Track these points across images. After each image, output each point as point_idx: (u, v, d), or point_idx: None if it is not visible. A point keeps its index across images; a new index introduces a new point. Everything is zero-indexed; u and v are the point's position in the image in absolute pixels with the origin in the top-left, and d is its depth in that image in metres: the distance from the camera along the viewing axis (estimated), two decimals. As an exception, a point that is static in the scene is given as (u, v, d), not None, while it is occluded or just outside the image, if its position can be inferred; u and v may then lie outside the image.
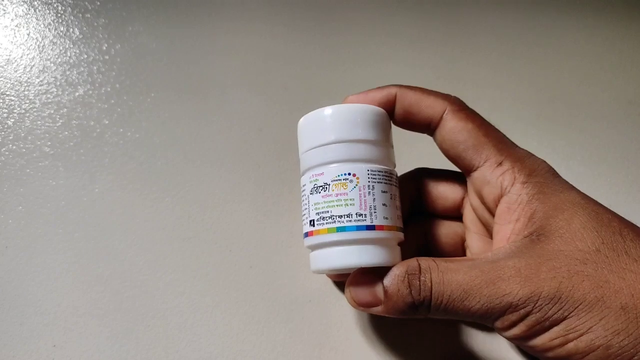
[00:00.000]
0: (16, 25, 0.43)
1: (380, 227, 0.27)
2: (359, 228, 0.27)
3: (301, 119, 0.31)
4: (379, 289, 0.28)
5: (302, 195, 0.30)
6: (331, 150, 0.28)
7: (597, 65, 0.54)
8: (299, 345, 0.35)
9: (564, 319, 0.24)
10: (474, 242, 0.33)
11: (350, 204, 0.27)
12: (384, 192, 0.28)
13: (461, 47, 0.52)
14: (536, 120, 0.49)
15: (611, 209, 0.27)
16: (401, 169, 0.34)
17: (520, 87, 0.51)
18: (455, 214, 0.34)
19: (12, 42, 0.42)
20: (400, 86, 0.31)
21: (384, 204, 0.28)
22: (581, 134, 0.49)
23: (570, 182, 0.29)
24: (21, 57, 0.42)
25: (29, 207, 0.36)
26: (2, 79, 0.40)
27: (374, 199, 0.28)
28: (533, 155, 0.29)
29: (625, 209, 0.30)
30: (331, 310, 0.36)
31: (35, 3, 0.44)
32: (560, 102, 0.51)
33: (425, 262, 0.27)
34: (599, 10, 0.58)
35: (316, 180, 0.28)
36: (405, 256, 0.29)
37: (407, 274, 0.27)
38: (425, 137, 0.32)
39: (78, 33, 0.44)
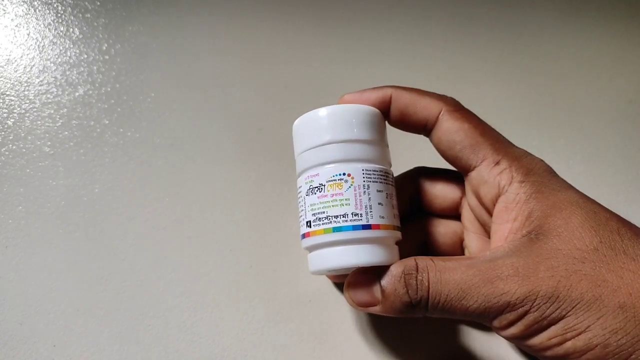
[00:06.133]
0: (16, 25, 0.43)
1: (377, 226, 0.27)
2: (355, 228, 0.27)
3: (296, 121, 0.31)
4: (376, 289, 0.28)
5: (299, 197, 0.30)
6: (326, 151, 0.29)
7: (597, 64, 0.54)
8: (299, 345, 0.35)
9: (562, 318, 0.24)
10: (472, 241, 0.33)
11: (346, 204, 0.27)
12: (379, 191, 0.28)
13: (461, 46, 0.52)
14: (536, 119, 0.49)
15: (611, 208, 0.27)
16: (400, 169, 0.34)
17: (520, 86, 0.51)
18: (454, 214, 0.34)
19: (12, 42, 0.42)
20: (396, 87, 0.31)
21: (379, 203, 0.28)
22: (581, 133, 0.49)
23: (570, 182, 0.29)
24: (21, 57, 0.42)
25: (29, 207, 0.36)
26: (2, 79, 0.40)
27: (369, 199, 0.28)
28: (530, 154, 0.29)
29: (625, 208, 0.30)
30: (331, 310, 0.36)
31: (35, 3, 0.44)
32: (560, 102, 0.51)
33: (422, 261, 0.27)
34: (598, 9, 0.58)
35: (312, 181, 0.29)
36: (404, 255, 0.29)
37: (403, 274, 0.27)
38: (423, 137, 0.32)
39: (78, 33, 0.44)
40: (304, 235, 0.29)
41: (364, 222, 0.27)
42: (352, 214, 0.27)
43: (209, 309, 0.35)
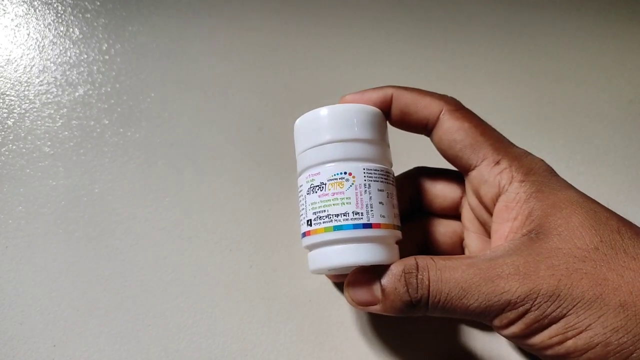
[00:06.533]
0: (16, 25, 0.43)
1: (377, 225, 0.27)
2: (355, 226, 0.27)
3: (297, 120, 0.31)
4: (376, 288, 0.28)
5: (299, 196, 0.30)
6: (327, 150, 0.29)
7: (597, 64, 0.54)
8: (299, 345, 0.35)
9: (563, 316, 0.24)
10: (472, 241, 0.33)
11: (347, 203, 0.27)
12: (380, 190, 0.28)
13: (460, 47, 0.52)
14: (536, 120, 0.49)
15: (611, 208, 0.27)
16: (400, 169, 0.34)
17: (520, 86, 0.51)
18: (454, 213, 0.34)
19: (12, 42, 0.42)
20: (397, 87, 0.31)
21: (380, 202, 0.28)
22: (581, 133, 0.49)
23: (570, 182, 0.29)
24: (21, 57, 0.42)
25: (29, 207, 0.36)
26: (2, 79, 0.40)
27: (370, 198, 0.28)
28: (530, 154, 0.29)
29: (625, 208, 0.30)
30: (331, 310, 0.36)
31: (35, 3, 0.44)
32: (560, 102, 0.51)
33: (422, 260, 0.27)
34: (598, 9, 0.58)
35: (312, 180, 0.29)
36: (404, 255, 0.29)
37: (404, 273, 0.27)
38: (424, 136, 0.32)
39: (78, 33, 0.44)
40: (304, 234, 0.29)
41: (364, 221, 0.27)
42: (353, 212, 0.27)
43: (209, 309, 0.35)
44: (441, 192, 0.34)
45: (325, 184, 0.28)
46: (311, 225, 0.28)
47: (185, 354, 0.34)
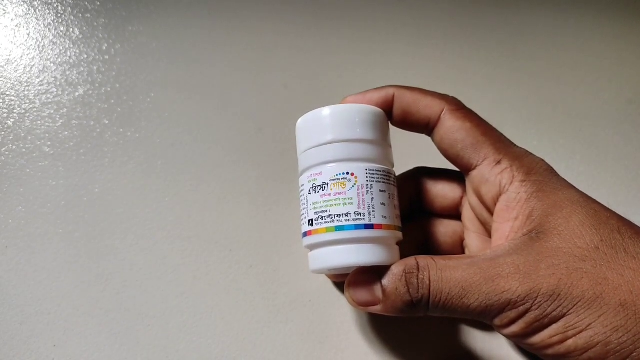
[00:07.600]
0: (16, 25, 0.43)
1: (379, 226, 0.27)
2: (357, 227, 0.27)
3: (299, 120, 0.31)
4: (377, 289, 0.28)
5: (301, 196, 0.30)
6: (329, 150, 0.28)
7: (597, 65, 0.54)
8: (299, 345, 0.35)
9: (563, 316, 0.24)
10: (473, 241, 0.33)
11: (349, 203, 0.27)
12: (382, 191, 0.28)
13: (461, 47, 0.52)
14: (536, 119, 0.49)
15: (611, 208, 0.27)
16: (401, 169, 0.34)
17: (520, 87, 0.51)
18: (454, 213, 0.34)
19: (12, 42, 0.42)
20: (398, 87, 0.31)
21: (382, 203, 0.28)
22: (581, 133, 0.49)
23: (570, 182, 0.29)
24: (21, 57, 0.42)
25: (29, 207, 0.36)
26: (2, 79, 0.40)
27: (372, 198, 0.28)
28: (531, 154, 0.29)
29: (625, 208, 0.30)
30: (331, 310, 0.36)
31: (35, 3, 0.44)
32: (559, 102, 0.51)
33: (423, 260, 0.27)
34: (598, 9, 0.58)
35: (314, 180, 0.28)
36: (404, 255, 0.29)
37: (404, 273, 0.27)
38: (424, 137, 0.32)
39: (78, 33, 0.44)
40: (305, 234, 0.29)
41: (366, 222, 0.27)
42: (354, 213, 0.27)
43: (209, 309, 0.35)
44: (441, 191, 0.34)
45: (327, 184, 0.28)
46: (312, 225, 0.28)
47: (185, 354, 0.34)
